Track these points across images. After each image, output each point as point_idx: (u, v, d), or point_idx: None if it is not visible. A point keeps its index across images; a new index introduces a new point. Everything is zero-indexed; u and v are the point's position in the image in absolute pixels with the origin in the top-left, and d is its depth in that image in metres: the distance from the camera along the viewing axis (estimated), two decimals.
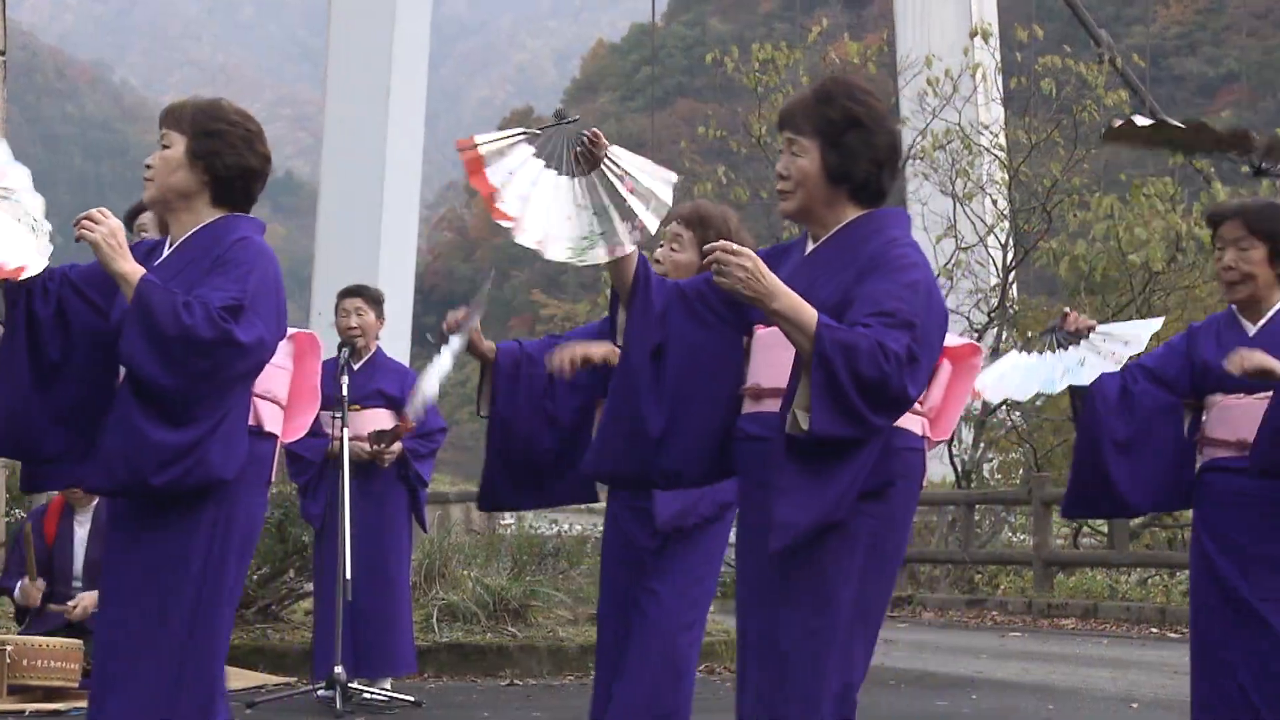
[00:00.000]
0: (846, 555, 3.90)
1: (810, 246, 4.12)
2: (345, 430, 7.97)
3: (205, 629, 4.36)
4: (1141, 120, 4.94)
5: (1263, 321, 5.15)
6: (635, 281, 4.17)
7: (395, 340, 22.42)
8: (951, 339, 4.28)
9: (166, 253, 4.49)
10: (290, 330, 4.69)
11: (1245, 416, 5.13)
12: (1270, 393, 5.04)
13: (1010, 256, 19.69)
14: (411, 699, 8.37)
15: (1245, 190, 19.97)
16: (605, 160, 4.17)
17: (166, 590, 4.30)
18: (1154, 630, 14.24)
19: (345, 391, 8.00)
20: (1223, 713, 5.13)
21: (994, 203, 20.03)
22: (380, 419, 8.44)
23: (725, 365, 4.16)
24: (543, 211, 4.15)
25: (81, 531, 8.65)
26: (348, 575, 7.74)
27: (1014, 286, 20.25)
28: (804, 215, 4.10)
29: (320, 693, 8.17)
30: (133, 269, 4.23)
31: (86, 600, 8.31)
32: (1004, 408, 19.80)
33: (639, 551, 5.40)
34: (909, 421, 4.04)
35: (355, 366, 8.41)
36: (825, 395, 3.72)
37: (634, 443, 4.19)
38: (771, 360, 4.02)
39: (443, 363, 4.92)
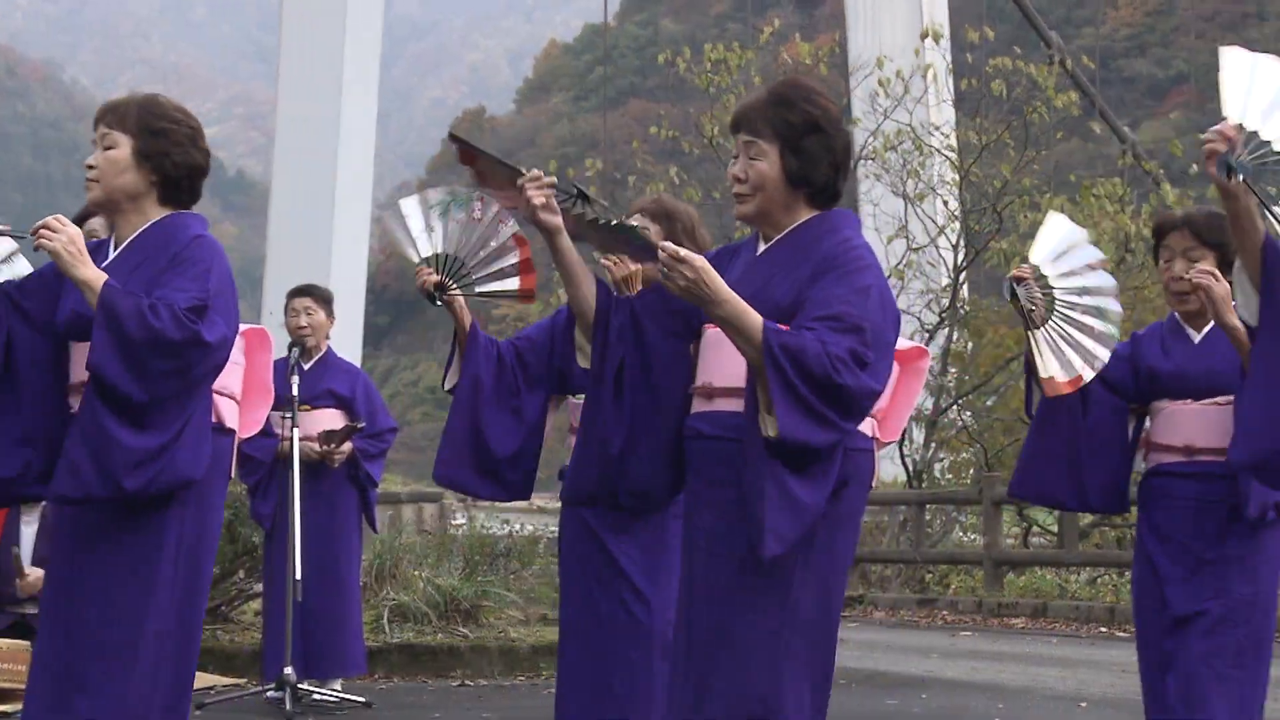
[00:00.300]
0: (806, 555, 3.90)
1: (762, 247, 4.11)
2: (295, 430, 7.95)
3: (178, 629, 4.37)
4: None
5: (1207, 329, 5.19)
6: (599, 304, 4.17)
7: (347, 340, 22.35)
8: (900, 342, 4.29)
9: (114, 254, 4.47)
10: (240, 326, 4.69)
11: (1191, 422, 5.17)
12: (1216, 399, 5.09)
13: (961, 257, 19.76)
14: (362, 700, 8.34)
15: (1193, 192, 20.14)
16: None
17: (140, 592, 4.29)
18: (1103, 629, 14.32)
19: (295, 391, 7.97)
20: (1164, 714, 5.16)
21: (945, 203, 20.10)
22: (330, 419, 8.41)
23: (676, 377, 4.17)
24: None
25: (29, 531, 8.59)
26: (298, 576, 7.70)
27: (965, 287, 20.32)
28: (761, 218, 4.09)
29: (270, 694, 8.14)
30: (95, 275, 4.22)
31: (41, 573, 8.23)
32: (955, 408, 19.89)
33: (601, 542, 5.34)
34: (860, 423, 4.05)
35: (305, 366, 8.39)
36: (784, 398, 3.73)
37: (602, 464, 4.21)
38: (723, 359, 4.01)
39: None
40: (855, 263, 3.94)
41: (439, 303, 5.08)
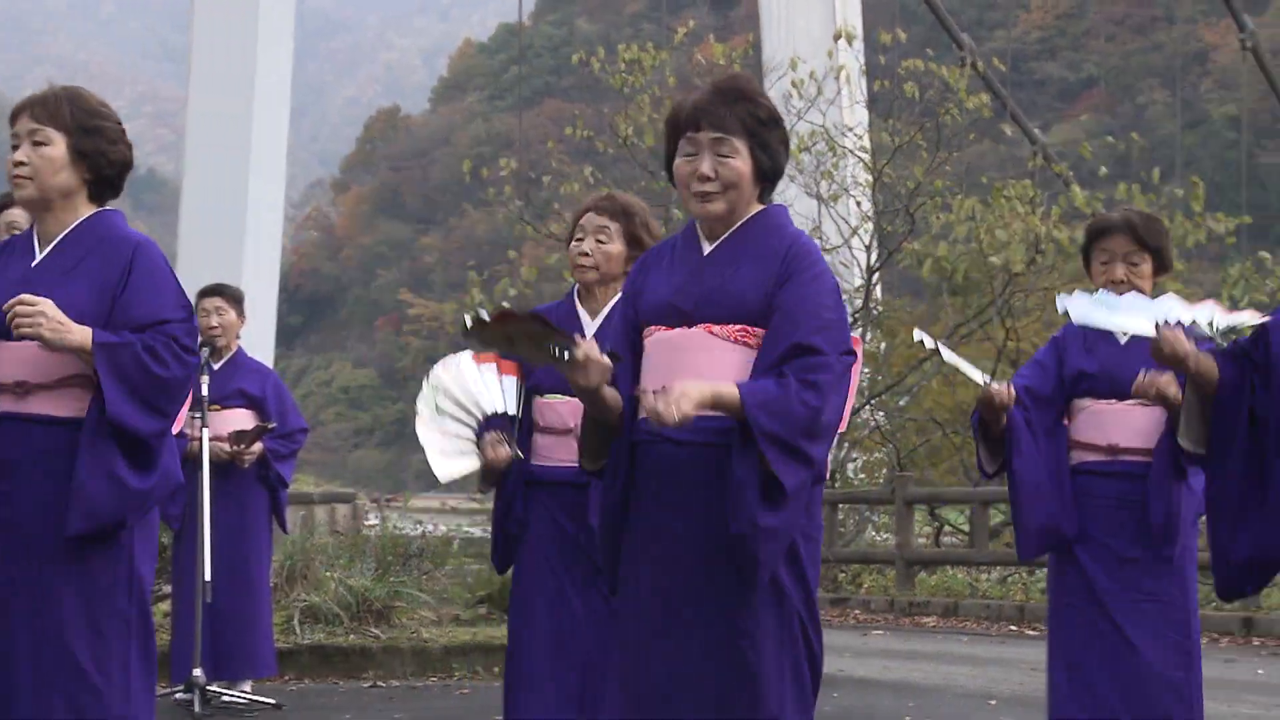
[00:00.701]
0: (792, 557, 3.89)
1: (707, 245, 4.03)
2: (205, 430, 7.89)
3: (140, 620, 4.37)
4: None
5: None
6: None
7: (259, 340, 22.18)
8: None
9: (42, 252, 4.42)
10: None
11: (1115, 422, 5.22)
12: (1135, 402, 5.14)
13: (874, 258, 19.85)
14: (272, 702, 8.29)
15: (1101, 194, 20.32)
16: None
17: (120, 590, 4.31)
18: (1013, 627, 14.43)
19: (205, 391, 7.91)
20: (1079, 712, 5.20)
21: (858, 204, 20.16)
22: (241, 419, 8.35)
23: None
24: None
25: None
26: (207, 577, 7.64)
27: (878, 288, 20.41)
28: (727, 216, 4.01)
29: (178, 696, 8.07)
30: (84, 339, 4.23)
31: None
32: (867, 408, 19.99)
33: (576, 541, 5.26)
34: None
35: (215, 366, 8.33)
36: (783, 457, 3.75)
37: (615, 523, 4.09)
38: (685, 363, 3.92)
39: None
40: (819, 262, 3.96)
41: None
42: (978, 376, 5.26)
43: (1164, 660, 5.15)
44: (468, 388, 5.49)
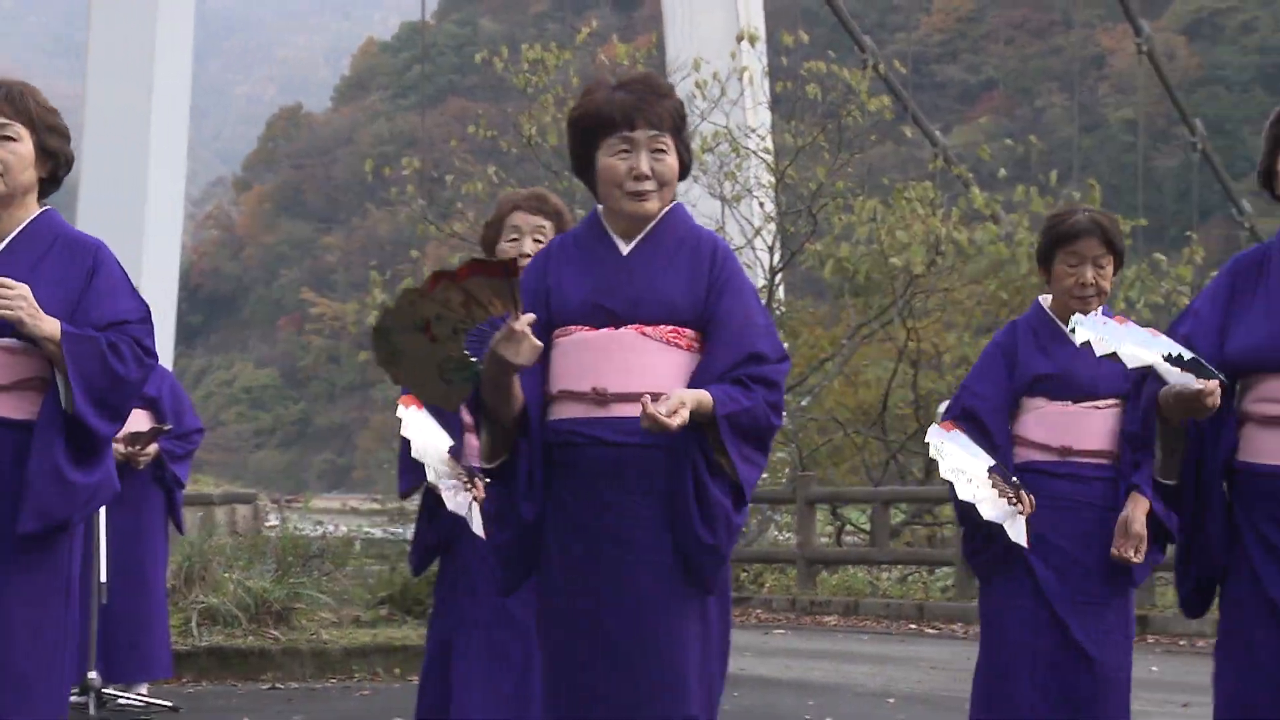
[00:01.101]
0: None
1: (624, 244, 4.00)
2: None
3: (71, 636, 4.34)
4: None
5: None
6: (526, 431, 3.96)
7: (159, 339, 21.91)
8: None
9: None
10: None
11: (1070, 424, 5.19)
12: (1096, 402, 5.15)
13: (777, 258, 19.92)
14: (169, 704, 8.22)
15: (1000, 196, 20.51)
16: None
17: (63, 591, 4.28)
18: (913, 626, 14.54)
19: None
20: (1027, 713, 5.17)
21: (761, 205, 20.22)
22: (136, 420, 8.23)
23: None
24: None
25: None
26: (103, 578, 7.58)
27: (780, 288, 20.49)
28: (654, 214, 4.00)
29: (73, 698, 7.97)
30: (53, 328, 4.17)
31: None
32: None
33: None
34: None
35: None
36: (745, 464, 3.86)
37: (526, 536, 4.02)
38: (616, 364, 3.90)
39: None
40: (740, 265, 4.03)
41: None
42: (1011, 523, 5.10)
43: (1112, 662, 5.17)
44: (427, 442, 5.42)
